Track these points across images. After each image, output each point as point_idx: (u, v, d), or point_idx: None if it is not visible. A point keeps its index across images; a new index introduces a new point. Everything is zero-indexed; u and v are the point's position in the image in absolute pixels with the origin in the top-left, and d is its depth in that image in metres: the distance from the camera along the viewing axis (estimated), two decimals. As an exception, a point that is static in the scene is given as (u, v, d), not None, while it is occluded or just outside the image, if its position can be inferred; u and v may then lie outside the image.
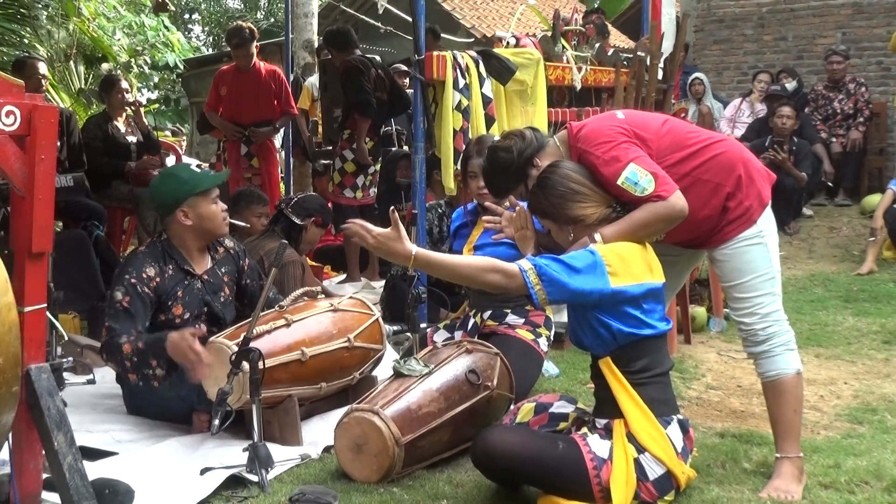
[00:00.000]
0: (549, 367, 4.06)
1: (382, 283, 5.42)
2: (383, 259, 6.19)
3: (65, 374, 3.81)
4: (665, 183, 2.66)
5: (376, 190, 6.39)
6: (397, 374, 3.04)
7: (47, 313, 2.49)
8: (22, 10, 9.38)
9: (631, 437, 2.55)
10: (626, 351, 2.60)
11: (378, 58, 6.45)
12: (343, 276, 6.36)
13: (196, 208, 3.38)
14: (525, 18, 11.64)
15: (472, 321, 3.83)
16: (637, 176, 2.64)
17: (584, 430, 2.67)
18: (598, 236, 2.64)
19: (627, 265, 2.57)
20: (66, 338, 2.98)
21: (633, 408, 2.56)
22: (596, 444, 2.55)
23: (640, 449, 2.53)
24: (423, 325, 3.94)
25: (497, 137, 4.08)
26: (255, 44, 6.45)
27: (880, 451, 3.05)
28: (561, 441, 2.61)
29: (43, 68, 5.96)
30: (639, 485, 2.51)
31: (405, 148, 7.02)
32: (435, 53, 4.38)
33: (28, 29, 9.75)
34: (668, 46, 6.41)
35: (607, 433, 2.59)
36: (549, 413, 2.82)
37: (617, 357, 2.60)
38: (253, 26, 6.63)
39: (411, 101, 6.03)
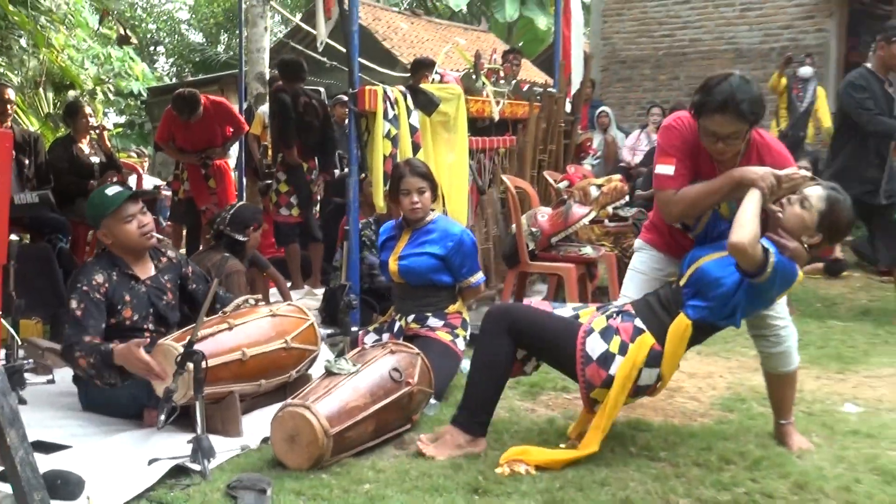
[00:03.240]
0: (466, 365, 4.05)
1: (323, 290, 5.40)
2: (324, 269, 6.21)
3: (26, 375, 3.74)
4: None
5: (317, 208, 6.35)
6: (328, 373, 3.02)
7: (3, 322, 2.43)
8: (-4, 40, 9.13)
9: (653, 357, 2.75)
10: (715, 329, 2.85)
11: (322, 90, 6.44)
12: (288, 284, 6.31)
13: (111, 228, 3.35)
14: (454, 55, 11.74)
15: (397, 324, 3.83)
16: None
17: (601, 319, 2.85)
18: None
19: None
20: (20, 342, 2.88)
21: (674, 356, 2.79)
22: (592, 344, 2.78)
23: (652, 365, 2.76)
24: (354, 329, 3.94)
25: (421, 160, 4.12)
26: (199, 105, 6.20)
27: (745, 435, 3.14)
28: (566, 325, 2.87)
29: (11, 94, 5.78)
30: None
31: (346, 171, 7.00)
32: (367, 88, 4.38)
33: (4, 58, 9.48)
34: (575, 83, 6.55)
35: (631, 332, 2.78)
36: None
37: (703, 328, 2.80)
38: (194, 90, 6.34)
39: (335, 142, 6.07)
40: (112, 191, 3.42)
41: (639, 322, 2.80)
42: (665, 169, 2.87)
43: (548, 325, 2.90)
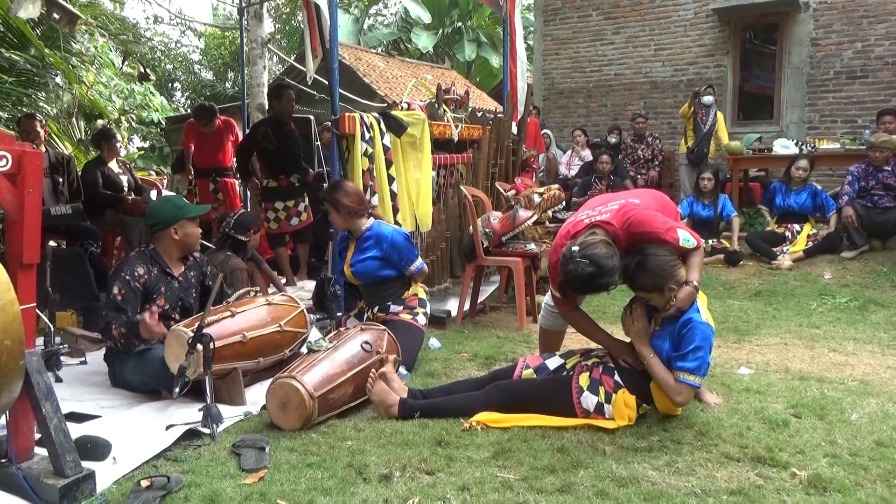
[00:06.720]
0: (433, 342, 4.06)
1: (313, 283, 5.33)
2: (311, 265, 6.13)
3: (62, 358, 3.66)
4: (697, 235, 2.85)
5: (300, 219, 6.18)
6: (310, 351, 3.04)
7: (38, 311, 2.38)
8: (35, 78, 8.92)
9: (639, 403, 2.76)
10: None
11: (312, 117, 6.40)
12: (283, 280, 6.25)
13: (184, 228, 3.38)
14: (422, 87, 11.73)
15: (366, 315, 3.82)
16: (686, 235, 2.79)
17: (585, 376, 2.80)
18: (695, 282, 2.71)
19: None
20: (52, 329, 2.84)
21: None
22: (586, 400, 2.75)
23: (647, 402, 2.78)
24: (339, 314, 3.92)
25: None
26: (216, 117, 6.51)
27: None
28: (556, 384, 2.82)
29: (38, 125, 5.65)
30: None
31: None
32: (347, 114, 4.35)
33: (42, 94, 9.27)
34: (521, 110, 6.57)
35: (612, 385, 2.76)
36: (552, 371, 2.92)
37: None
38: (213, 104, 6.61)
39: (292, 158, 5.87)
40: (188, 201, 3.55)
41: (617, 377, 2.77)
42: (556, 293, 3.01)
43: (543, 392, 2.83)
